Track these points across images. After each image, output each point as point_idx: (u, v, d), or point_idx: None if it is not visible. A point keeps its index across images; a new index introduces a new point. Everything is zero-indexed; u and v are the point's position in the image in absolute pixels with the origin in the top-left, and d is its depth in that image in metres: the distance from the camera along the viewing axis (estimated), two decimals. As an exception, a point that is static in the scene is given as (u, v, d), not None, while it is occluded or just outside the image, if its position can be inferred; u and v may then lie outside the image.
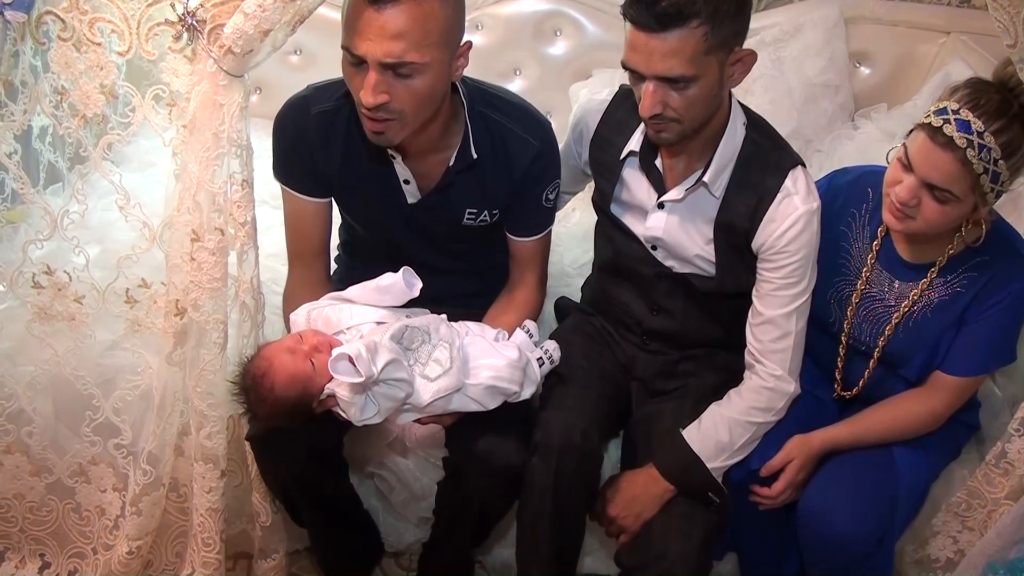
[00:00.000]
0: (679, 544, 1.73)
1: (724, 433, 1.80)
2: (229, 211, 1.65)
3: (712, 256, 1.82)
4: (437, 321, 1.72)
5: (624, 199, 1.88)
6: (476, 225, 1.86)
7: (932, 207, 1.59)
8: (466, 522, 1.90)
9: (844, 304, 1.84)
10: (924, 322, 1.76)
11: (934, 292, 1.75)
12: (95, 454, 1.92)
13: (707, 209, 1.79)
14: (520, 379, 1.75)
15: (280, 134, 1.82)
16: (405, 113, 1.60)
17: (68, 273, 1.75)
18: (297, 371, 1.62)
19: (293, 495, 1.88)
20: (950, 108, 1.54)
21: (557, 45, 2.96)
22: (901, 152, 1.61)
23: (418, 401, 1.66)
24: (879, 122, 2.70)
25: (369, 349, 1.56)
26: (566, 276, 2.41)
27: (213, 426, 1.78)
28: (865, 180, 1.83)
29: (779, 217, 1.73)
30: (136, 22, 1.50)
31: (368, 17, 1.51)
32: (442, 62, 1.59)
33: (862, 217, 1.82)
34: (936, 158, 1.54)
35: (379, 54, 1.52)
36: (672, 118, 1.63)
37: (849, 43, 2.78)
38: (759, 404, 1.81)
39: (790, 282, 1.75)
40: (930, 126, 1.54)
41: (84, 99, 1.56)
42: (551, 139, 1.85)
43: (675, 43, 1.53)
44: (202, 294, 1.67)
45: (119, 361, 1.89)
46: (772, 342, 1.79)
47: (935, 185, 1.56)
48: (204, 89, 1.55)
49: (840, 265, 1.83)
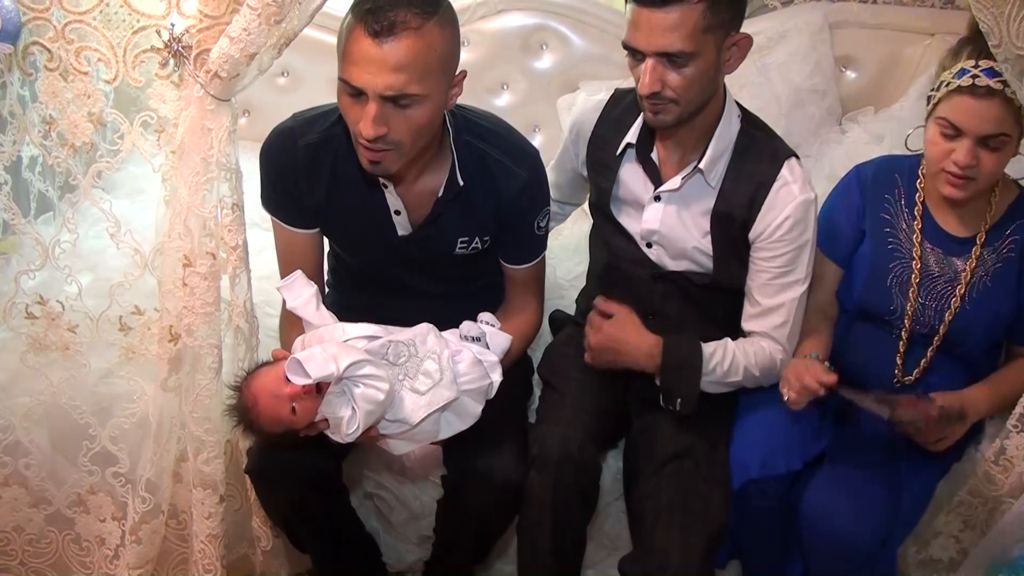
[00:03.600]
0: (679, 555, 1.72)
1: (727, 364, 1.84)
2: (220, 235, 1.65)
3: (708, 249, 1.84)
4: (424, 334, 1.70)
5: (621, 196, 1.90)
6: (468, 253, 1.86)
7: (990, 158, 1.67)
8: (466, 539, 1.89)
9: (905, 287, 1.85)
10: (985, 291, 1.81)
11: (990, 262, 1.81)
12: (93, 483, 1.90)
13: (704, 200, 1.82)
14: (483, 370, 1.73)
15: (267, 166, 1.81)
16: (403, 143, 1.60)
17: (61, 303, 1.74)
18: (279, 416, 1.61)
19: (294, 523, 1.87)
20: (968, 67, 1.63)
21: (544, 59, 2.96)
22: (936, 127, 1.69)
23: (408, 418, 1.64)
24: (866, 125, 2.71)
25: (326, 351, 1.57)
26: (559, 288, 2.40)
27: (211, 451, 1.77)
28: (887, 167, 1.90)
29: (778, 205, 1.77)
30: (122, 50, 1.51)
31: (368, 50, 1.50)
32: (439, 92, 1.60)
33: (897, 201, 1.87)
34: (984, 110, 1.63)
35: (380, 87, 1.51)
36: (670, 98, 1.68)
37: (834, 48, 2.78)
38: (764, 364, 1.85)
39: (788, 270, 1.80)
40: (963, 88, 1.63)
41: (72, 128, 1.56)
42: (539, 167, 1.84)
43: (676, 18, 1.60)
44: (196, 319, 1.67)
45: (114, 389, 1.88)
46: (777, 328, 1.84)
47: (990, 135, 1.64)
48: (192, 114, 1.55)
49: (892, 250, 1.86)
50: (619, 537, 2.06)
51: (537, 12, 2.93)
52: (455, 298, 1.96)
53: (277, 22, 1.46)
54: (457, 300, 1.96)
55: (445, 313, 1.91)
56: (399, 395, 1.64)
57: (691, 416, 1.86)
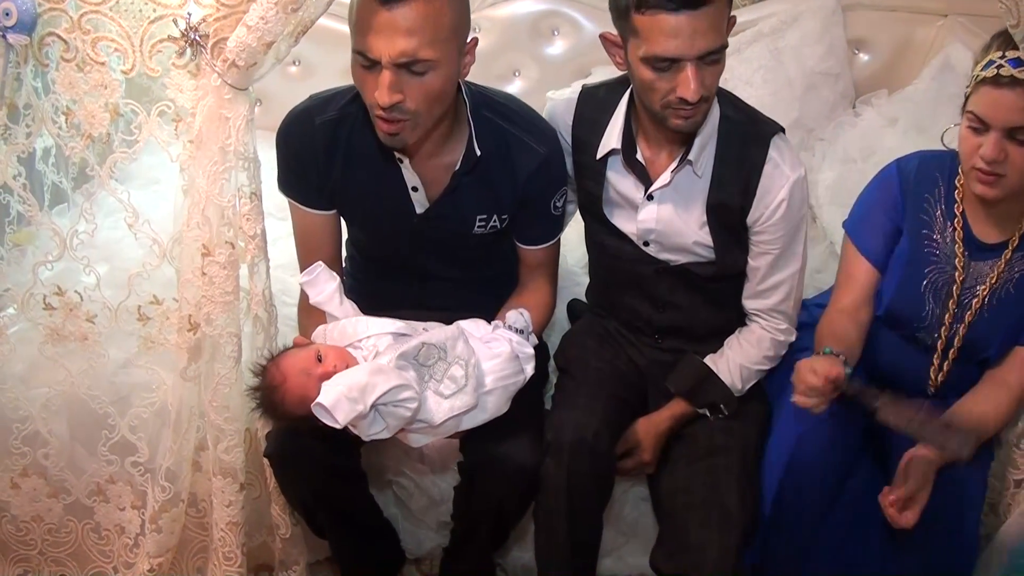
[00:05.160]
0: (717, 554, 1.72)
1: (737, 380, 1.89)
2: (238, 224, 1.65)
3: (708, 240, 1.83)
4: (455, 338, 1.69)
5: (612, 198, 1.88)
6: (487, 232, 1.86)
7: (1019, 152, 1.62)
8: (485, 525, 1.89)
9: (940, 294, 1.80)
10: (1008, 299, 1.77)
11: (1015, 269, 1.76)
12: (112, 473, 1.91)
13: (696, 192, 1.80)
14: (519, 366, 1.74)
15: (284, 147, 1.81)
16: (419, 112, 1.61)
17: (79, 293, 1.75)
18: (307, 395, 1.59)
19: (313, 509, 1.88)
20: (995, 58, 1.60)
21: (555, 45, 2.96)
22: (965, 122, 1.66)
23: (431, 419, 1.64)
24: (880, 108, 2.71)
25: (352, 390, 1.54)
26: (573, 275, 2.40)
27: (231, 440, 1.77)
28: (928, 165, 1.84)
29: (773, 189, 1.76)
30: (139, 40, 1.51)
31: (379, 17, 1.52)
32: (452, 59, 1.61)
33: (937, 202, 1.81)
34: (1009, 100, 1.58)
35: (393, 52, 1.53)
36: (705, 98, 1.64)
37: (847, 30, 2.78)
38: (770, 353, 1.90)
39: (787, 248, 1.81)
40: (988, 79, 1.60)
41: (89, 119, 1.56)
42: (557, 146, 1.85)
43: (714, 14, 1.57)
44: (215, 308, 1.67)
45: (133, 379, 1.88)
46: (780, 303, 1.87)
47: (1016, 126, 1.60)
48: (209, 103, 1.55)
49: (928, 254, 1.81)
50: (637, 523, 2.07)
51: (547, -3, 2.91)
52: (471, 284, 1.96)
53: (294, 10, 1.46)
54: (472, 286, 1.96)
55: (461, 299, 1.92)
56: (423, 395, 1.63)
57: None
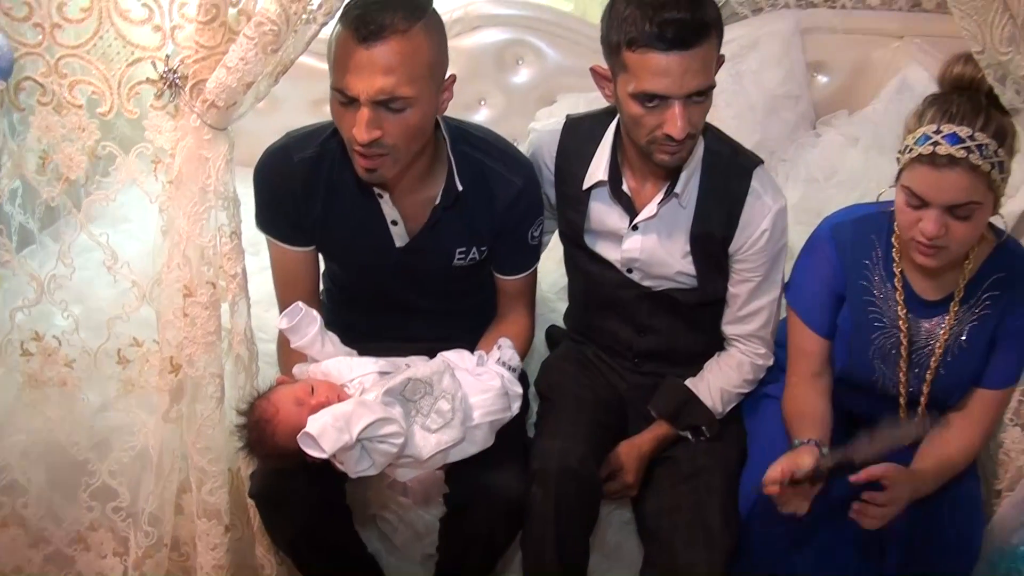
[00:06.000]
0: (706, 572, 1.74)
1: (718, 403, 1.93)
2: (219, 264, 1.64)
3: (691, 269, 1.86)
4: (440, 372, 1.69)
5: (595, 228, 1.90)
6: (466, 264, 1.87)
7: (960, 227, 1.56)
8: (471, 556, 1.88)
9: (888, 359, 1.78)
10: (963, 354, 1.74)
11: (965, 323, 1.73)
12: (93, 519, 1.88)
13: (680, 223, 1.83)
14: (508, 403, 1.75)
15: (262, 184, 1.81)
16: (397, 148, 1.62)
17: (57, 338, 1.72)
18: (299, 427, 1.58)
19: (299, 547, 1.85)
20: (929, 132, 1.54)
21: (520, 73, 2.99)
22: (902, 195, 1.60)
23: (418, 454, 1.64)
24: (841, 128, 2.77)
25: (338, 420, 1.54)
26: (548, 302, 2.41)
27: (214, 481, 1.75)
28: (863, 228, 1.78)
29: (754, 220, 1.79)
30: (117, 82, 1.50)
31: (358, 55, 1.54)
32: (430, 95, 1.63)
33: (875, 266, 1.77)
34: (947, 180, 1.52)
35: (372, 91, 1.55)
36: (692, 135, 1.67)
37: (806, 53, 2.84)
38: (749, 376, 1.95)
39: (767, 276, 1.85)
40: (924, 156, 1.54)
41: (67, 162, 1.55)
42: (534, 177, 1.87)
43: (705, 54, 1.60)
44: (197, 349, 1.66)
45: (112, 422, 1.86)
46: (759, 328, 1.91)
47: (956, 204, 1.54)
48: (188, 144, 1.55)
49: (872, 320, 1.78)
50: (621, 547, 2.06)
51: (512, 27, 2.96)
52: (449, 315, 1.97)
53: (274, 51, 1.46)
54: (451, 317, 1.97)
55: (440, 330, 1.92)
56: (410, 430, 1.63)
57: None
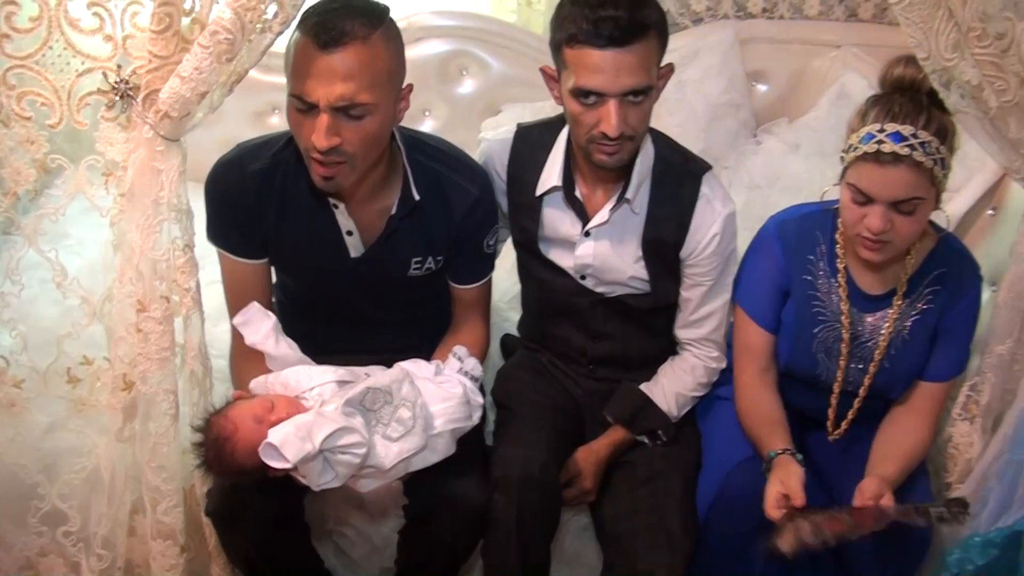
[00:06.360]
0: (665, 574, 1.76)
1: (673, 407, 1.95)
2: (173, 278, 1.62)
3: (644, 274, 1.88)
4: (399, 380, 1.68)
5: (548, 235, 1.91)
6: (422, 274, 1.86)
7: (904, 222, 1.61)
8: (433, 565, 1.87)
9: (832, 352, 1.82)
10: (905, 347, 1.78)
11: (907, 316, 1.77)
12: (43, 545, 1.81)
13: (632, 228, 1.85)
14: (469, 411, 1.75)
15: (214, 196, 1.78)
16: (355, 155, 1.62)
17: (5, 358, 1.67)
18: (260, 443, 1.56)
19: (257, 565, 1.82)
20: (873, 131, 1.58)
21: (464, 84, 2.99)
22: (847, 192, 1.64)
23: (380, 464, 1.63)
24: (782, 135, 2.82)
25: (300, 429, 1.53)
26: (500, 311, 2.40)
27: (169, 501, 1.72)
28: (808, 224, 1.83)
29: (704, 224, 1.82)
30: (67, 93, 1.47)
31: (318, 61, 1.54)
32: (388, 103, 1.63)
33: (819, 260, 1.81)
34: (891, 177, 1.57)
35: (332, 97, 1.54)
36: (629, 136, 1.68)
37: (745, 63, 2.90)
38: (703, 380, 1.98)
39: (721, 277, 1.88)
40: (869, 154, 1.58)
41: (15, 175, 1.51)
42: (489, 185, 1.87)
43: (641, 54, 1.61)
44: (151, 365, 1.63)
45: (62, 444, 1.80)
46: (712, 332, 1.94)
47: (901, 200, 1.59)
48: (141, 156, 1.52)
49: (816, 314, 1.82)
50: (579, 553, 2.07)
51: (454, 38, 2.96)
52: (405, 325, 1.96)
53: (228, 60, 1.45)
54: (407, 327, 1.96)
55: (394, 341, 1.91)
56: (371, 440, 1.62)
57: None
